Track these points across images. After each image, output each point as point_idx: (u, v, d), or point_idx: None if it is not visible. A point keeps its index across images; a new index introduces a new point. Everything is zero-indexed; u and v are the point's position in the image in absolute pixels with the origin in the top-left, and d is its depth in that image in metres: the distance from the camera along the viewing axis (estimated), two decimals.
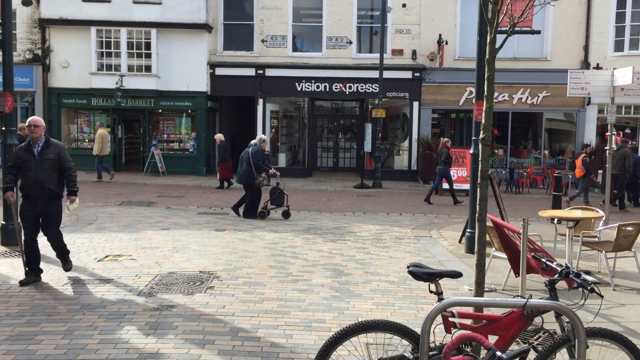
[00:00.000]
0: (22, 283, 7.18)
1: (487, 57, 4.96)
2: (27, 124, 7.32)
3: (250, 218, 12.96)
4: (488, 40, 4.89)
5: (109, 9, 22.13)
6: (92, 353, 5.10)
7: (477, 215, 4.96)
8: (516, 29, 5.19)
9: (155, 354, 5.12)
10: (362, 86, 22.84)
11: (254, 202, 13.16)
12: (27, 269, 7.32)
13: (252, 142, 13.60)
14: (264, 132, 23.01)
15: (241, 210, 13.33)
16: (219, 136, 19.90)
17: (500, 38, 4.98)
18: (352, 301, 6.88)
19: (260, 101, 23.02)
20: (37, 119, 7.46)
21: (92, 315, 6.08)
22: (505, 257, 7.42)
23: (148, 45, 22.25)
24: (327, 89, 22.95)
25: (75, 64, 22.58)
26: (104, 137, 20.03)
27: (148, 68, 22.33)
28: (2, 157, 9.71)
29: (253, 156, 13.00)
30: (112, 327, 5.74)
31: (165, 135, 23.43)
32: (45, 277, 7.53)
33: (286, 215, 13.14)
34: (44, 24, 22.57)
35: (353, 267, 8.63)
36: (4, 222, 9.42)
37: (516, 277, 7.02)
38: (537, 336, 4.36)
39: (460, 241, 10.51)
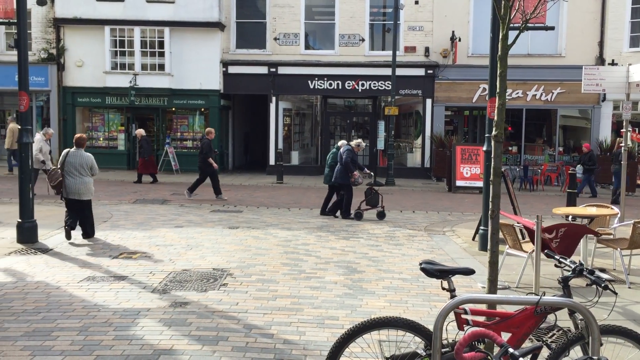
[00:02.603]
0: None
1: (499, 53, 4.93)
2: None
3: (347, 218, 12.89)
4: (500, 37, 4.87)
5: (123, 8, 22.27)
6: (108, 349, 5.15)
7: (490, 212, 4.95)
8: (529, 25, 5.16)
9: (169, 350, 5.16)
10: (374, 84, 22.80)
11: (349, 202, 13.04)
12: None
13: (340, 142, 13.67)
14: (276, 130, 23.08)
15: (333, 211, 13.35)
16: (140, 131, 19.99)
17: (513, 34, 4.96)
18: (365, 298, 6.89)
19: (273, 99, 23.05)
20: None
21: (106, 312, 6.14)
22: (519, 254, 7.39)
23: (161, 44, 22.36)
24: (340, 87, 22.93)
25: (89, 63, 22.76)
26: (14, 132, 20.11)
27: (161, 67, 22.45)
28: (18, 155, 9.82)
29: (345, 155, 12.86)
30: (126, 324, 5.80)
31: (178, 134, 23.56)
32: (60, 275, 7.62)
33: (381, 215, 12.95)
34: (58, 24, 22.76)
35: (366, 264, 8.63)
36: (20, 220, 9.53)
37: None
38: (550, 333, 4.35)
39: (473, 239, 10.47)
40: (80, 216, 10.03)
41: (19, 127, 9.72)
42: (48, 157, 15.40)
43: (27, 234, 9.49)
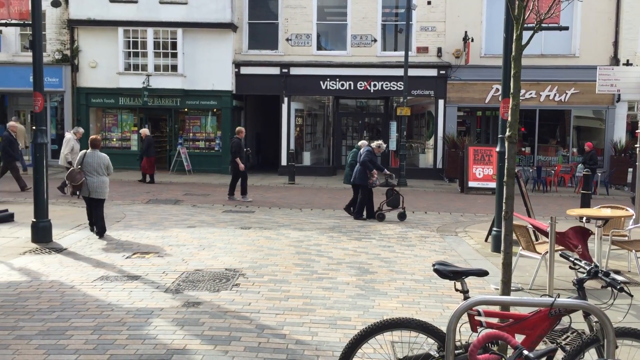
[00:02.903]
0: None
1: (513, 54, 4.90)
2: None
3: (359, 219, 12.85)
4: (514, 37, 4.84)
5: (136, 10, 22.40)
6: (121, 348, 5.18)
7: (503, 213, 4.92)
8: (543, 25, 5.13)
9: (182, 350, 5.19)
10: (386, 84, 22.76)
11: (364, 203, 13.00)
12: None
13: (360, 142, 13.62)
14: (288, 131, 23.10)
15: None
16: (144, 131, 20.28)
17: (527, 35, 4.92)
18: (377, 299, 6.88)
19: (285, 100, 23.08)
20: None
21: (120, 312, 6.18)
22: (533, 256, 7.34)
23: (174, 45, 22.47)
24: (352, 87, 22.91)
25: (103, 64, 22.91)
26: (17, 131, 20.23)
27: (174, 67, 22.55)
28: (33, 155, 9.91)
29: (365, 156, 12.86)
30: (140, 323, 5.83)
31: (191, 134, 23.64)
32: (74, 274, 7.68)
33: (402, 217, 12.90)
34: (72, 25, 22.94)
35: (378, 265, 8.62)
36: (34, 220, 9.61)
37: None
38: (564, 336, 4.31)
39: (486, 240, 10.42)
40: (93, 213, 10.37)
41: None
42: (77, 157, 15.49)
43: (42, 234, 9.57)
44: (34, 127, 9.84)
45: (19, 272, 7.72)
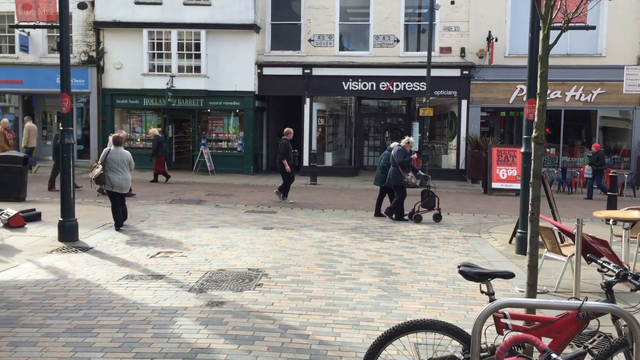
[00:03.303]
0: None
1: (540, 53, 4.85)
2: None
3: (399, 220, 12.78)
4: (541, 37, 4.79)
5: (160, 11, 22.63)
6: (146, 347, 5.24)
7: (529, 215, 4.87)
8: (570, 24, 5.06)
9: (206, 349, 5.22)
10: (409, 85, 22.66)
11: (400, 203, 12.94)
12: None
13: (392, 144, 13.48)
14: (310, 131, 23.14)
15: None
16: (153, 130, 20.46)
17: (553, 34, 4.87)
18: (400, 301, 6.85)
19: (307, 100, 23.12)
20: None
21: (145, 310, 6.25)
22: (559, 258, 7.25)
23: (197, 46, 22.65)
24: (374, 88, 22.87)
25: (127, 66, 23.19)
26: (30, 131, 20.63)
27: (197, 69, 22.73)
28: (60, 155, 10.06)
29: (397, 156, 12.79)
30: (164, 322, 5.89)
31: (213, 135, 23.80)
32: (100, 273, 7.78)
33: (437, 218, 12.77)
34: (98, 27, 23.26)
35: (401, 266, 8.59)
36: (61, 219, 9.76)
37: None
38: (592, 339, 4.24)
39: (510, 242, 10.32)
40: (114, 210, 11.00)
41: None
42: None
43: (68, 233, 9.71)
44: (61, 128, 9.98)
45: (47, 271, 7.85)
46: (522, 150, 9.42)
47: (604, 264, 4.01)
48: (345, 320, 6.11)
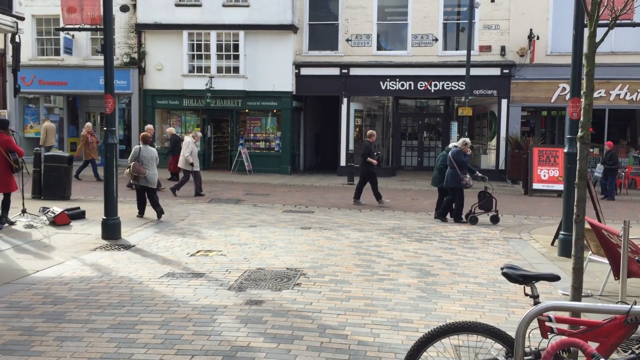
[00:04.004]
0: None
1: (586, 51, 4.74)
2: None
3: (460, 222, 12.65)
4: (587, 34, 4.68)
5: (200, 13, 22.95)
6: (188, 344, 5.31)
7: (574, 216, 4.76)
8: (617, 22, 4.93)
9: (246, 347, 5.27)
10: (447, 84, 22.44)
11: (460, 206, 12.83)
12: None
13: (450, 145, 13.37)
14: (347, 131, 23.12)
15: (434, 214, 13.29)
16: (171, 129, 20.53)
17: (600, 32, 4.75)
18: (440, 302, 6.78)
19: (345, 100, 23.11)
20: None
21: (186, 308, 6.34)
22: (604, 261, 7.08)
23: (236, 47, 22.88)
24: (412, 88, 22.71)
25: (168, 67, 23.59)
26: (48, 130, 21.04)
27: (236, 69, 22.97)
28: (103, 155, 10.30)
29: (455, 157, 12.62)
30: (205, 320, 5.96)
31: (251, 135, 24.01)
32: (142, 270, 7.93)
33: (495, 220, 12.57)
34: (139, 29, 23.72)
35: (439, 267, 8.51)
36: (104, 217, 9.98)
37: (615, 279, 6.67)
38: (639, 345, 4.13)
39: (552, 244, 10.11)
40: (150, 201, 12.02)
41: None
42: (197, 159, 16.21)
43: (111, 231, 9.93)
44: (104, 128, 10.21)
45: (91, 268, 8.04)
46: (566, 150, 9.22)
47: None
48: (384, 320, 6.08)
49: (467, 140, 13.29)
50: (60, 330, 5.59)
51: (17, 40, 10.89)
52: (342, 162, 22.76)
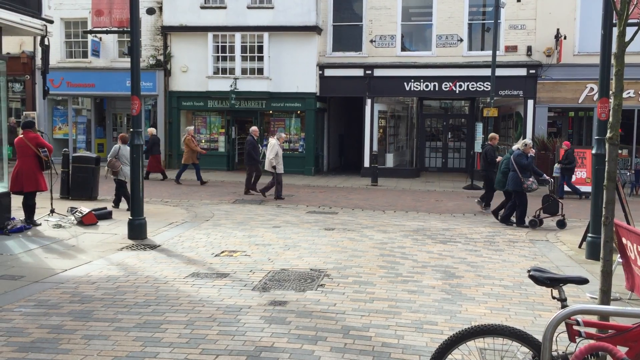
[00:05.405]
0: None
1: (615, 51, 4.66)
2: None
3: (522, 226, 12.42)
4: (617, 34, 4.60)
5: (225, 15, 23.11)
6: (212, 343, 5.35)
7: (603, 219, 4.69)
8: None
9: (270, 347, 5.28)
10: (472, 85, 22.24)
11: (514, 208, 12.68)
12: None
13: (514, 147, 13.11)
14: (371, 132, 23.06)
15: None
16: (152, 130, 20.87)
17: (629, 31, 4.67)
18: (465, 304, 6.73)
19: (368, 101, 23.05)
20: None
21: (211, 308, 6.38)
22: None
23: (260, 49, 22.98)
24: (436, 88, 22.56)
25: (193, 68, 23.79)
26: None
27: (260, 71, 23.07)
28: (130, 156, 10.43)
29: (516, 160, 12.45)
30: (229, 320, 6.00)
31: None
32: (167, 270, 8.01)
33: (561, 224, 12.21)
34: (165, 31, 23.97)
35: (464, 269, 8.44)
36: (131, 217, 10.11)
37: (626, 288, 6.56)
38: None
39: (580, 246, 9.96)
40: (123, 193, 13.17)
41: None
42: (280, 161, 16.10)
43: (137, 231, 10.05)
44: (130, 129, 10.34)
45: (117, 267, 8.15)
46: (594, 151, 9.08)
47: None
48: (408, 322, 6.05)
49: (528, 141, 13.07)
50: (87, 329, 5.68)
51: (46, 43, 11.06)
52: (366, 163, 22.69)
